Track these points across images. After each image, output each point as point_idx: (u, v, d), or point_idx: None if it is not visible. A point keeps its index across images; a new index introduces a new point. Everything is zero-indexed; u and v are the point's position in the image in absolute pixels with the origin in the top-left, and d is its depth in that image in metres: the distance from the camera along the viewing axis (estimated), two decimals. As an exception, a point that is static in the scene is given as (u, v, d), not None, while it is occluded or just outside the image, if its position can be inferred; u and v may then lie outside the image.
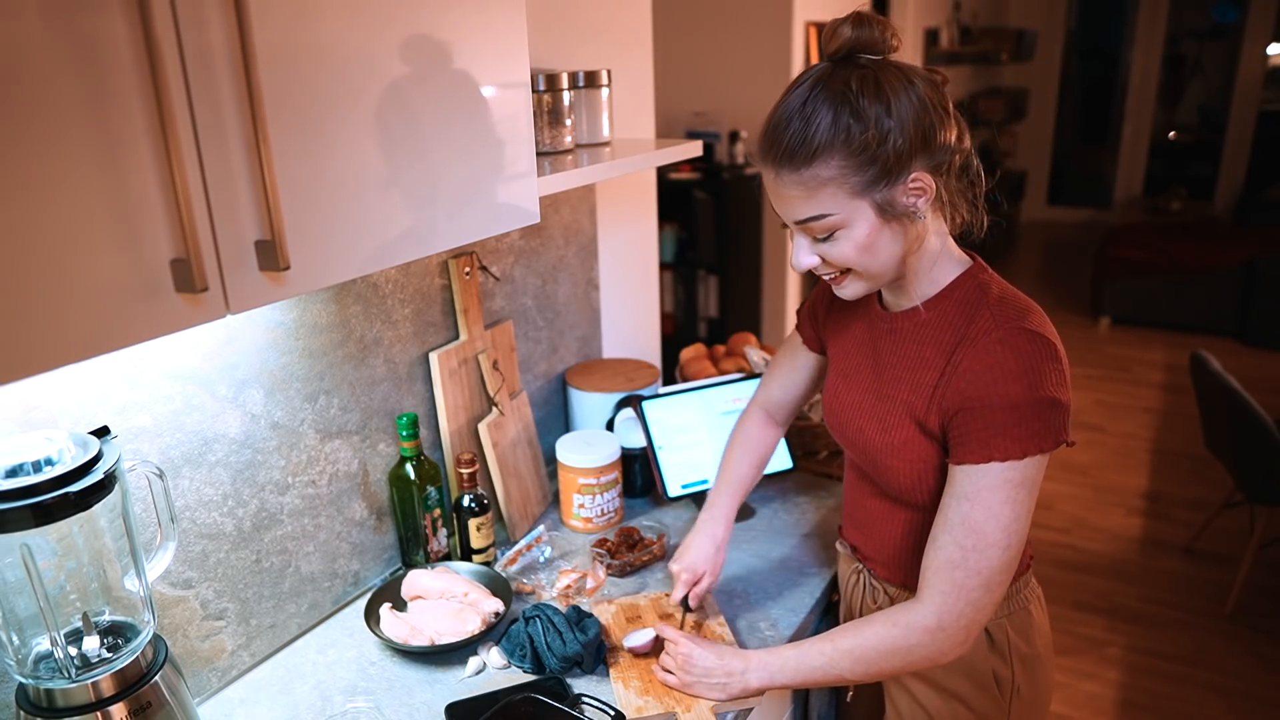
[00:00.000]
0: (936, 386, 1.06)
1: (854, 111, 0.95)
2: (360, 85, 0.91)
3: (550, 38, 1.69)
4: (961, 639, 1.06)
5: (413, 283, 1.48)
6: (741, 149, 3.89)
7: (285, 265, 0.83)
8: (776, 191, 1.02)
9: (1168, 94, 7.66)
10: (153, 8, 0.70)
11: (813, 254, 1.05)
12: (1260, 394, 3.62)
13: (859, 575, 1.29)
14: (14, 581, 0.90)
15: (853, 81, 0.96)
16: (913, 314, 1.11)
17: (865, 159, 0.96)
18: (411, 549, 1.51)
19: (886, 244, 1.02)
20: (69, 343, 0.70)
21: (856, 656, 1.10)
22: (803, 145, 0.97)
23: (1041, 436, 0.99)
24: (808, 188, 0.98)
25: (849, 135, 0.95)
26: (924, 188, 0.99)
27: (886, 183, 0.97)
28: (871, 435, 1.15)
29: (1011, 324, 1.02)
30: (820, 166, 0.97)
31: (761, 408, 1.46)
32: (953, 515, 1.03)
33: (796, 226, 1.04)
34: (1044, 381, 0.98)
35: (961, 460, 1.03)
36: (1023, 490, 1.01)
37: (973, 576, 1.03)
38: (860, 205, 0.98)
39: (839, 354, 1.25)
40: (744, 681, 1.16)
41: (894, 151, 0.96)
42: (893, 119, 0.95)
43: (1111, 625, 2.93)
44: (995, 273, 1.11)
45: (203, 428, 1.18)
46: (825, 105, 0.96)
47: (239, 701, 1.24)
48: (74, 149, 0.68)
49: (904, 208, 0.99)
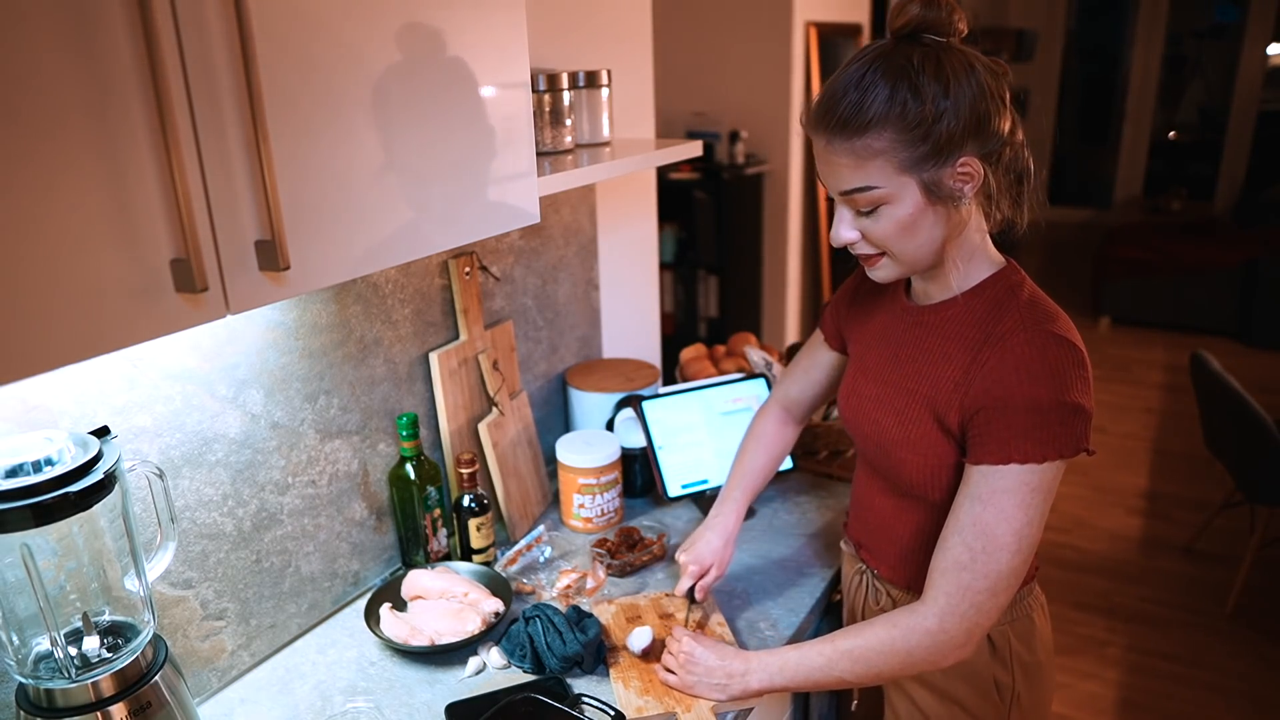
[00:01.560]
0: (959, 383, 1.06)
1: (912, 87, 0.96)
2: (360, 85, 0.91)
3: (550, 38, 1.69)
4: (962, 642, 1.05)
5: (413, 283, 1.48)
6: (742, 149, 3.89)
7: (285, 265, 0.83)
8: (827, 159, 1.02)
9: (1168, 94, 7.66)
10: (153, 8, 0.70)
11: (854, 229, 1.05)
12: (1260, 394, 3.62)
13: (862, 576, 1.29)
14: (14, 581, 0.90)
15: (914, 58, 0.97)
16: (940, 308, 1.11)
17: (918, 135, 0.97)
18: (411, 549, 1.51)
19: (928, 227, 1.02)
20: (69, 343, 0.70)
21: (855, 657, 1.09)
22: (857, 114, 0.97)
23: (1063, 442, 0.98)
24: (859, 158, 0.99)
25: (904, 110, 0.96)
26: (972, 173, 1.00)
27: (936, 163, 0.98)
28: (888, 428, 1.14)
29: (1039, 327, 1.02)
30: (872, 138, 0.97)
31: (780, 405, 1.46)
32: (964, 516, 1.03)
33: (841, 198, 1.04)
34: (1069, 387, 0.98)
35: (979, 460, 1.02)
36: (1038, 495, 1.00)
37: (979, 580, 1.02)
38: (908, 182, 0.99)
39: (859, 348, 1.25)
40: (745, 683, 1.16)
41: (947, 132, 0.96)
42: (949, 100, 0.96)
43: (1111, 625, 2.93)
44: (1028, 277, 1.10)
45: (203, 428, 1.18)
46: (884, 78, 0.97)
47: (239, 701, 1.24)
48: (74, 149, 0.68)
49: (950, 191, 1.00)
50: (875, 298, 1.25)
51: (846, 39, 4.38)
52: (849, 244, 1.07)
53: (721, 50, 3.96)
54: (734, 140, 3.88)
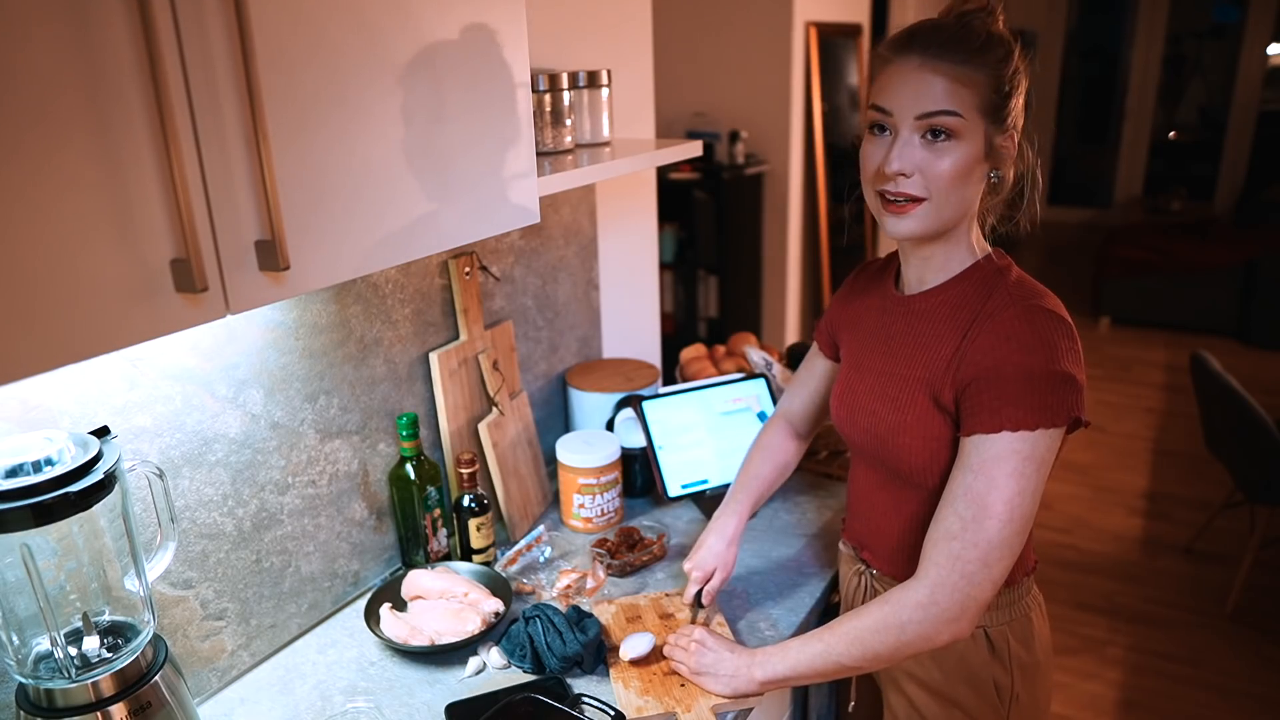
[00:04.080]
0: (951, 361, 1.07)
1: (1002, 43, 1.03)
2: (360, 85, 0.91)
3: (550, 38, 1.69)
4: (955, 616, 1.04)
5: (413, 283, 1.48)
6: (742, 149, 3.89)
7: (285, 265, 0.83)
8: (919, 77, 1.01)
9: (1168, 94, 7.66)
10: (153, 8, 0.70)
11: (913, 160, 1.02)
12: (1260, 394, 3.62)
13: (860, 577, 1.29)
14: (14, 581, 0.90)
15: (998, 26, 1.04)
16: (931, 294, 1.13)
17: (1003, 83, 1.02)
18: (411, 549, 1.51)
19: (974, 182, 1.06)
20: (69, 343, 0.70)
21: (852, 639, 1.10)
22: (966, 45, 1.00)
23: (1054, 410, 1.00)
24: (957, 80, 1.00)
25: (1002, 56, 1.02)
26: (1011, 145, 1.06)
27: (1000, 117, 1.03)
28: (884, 415, 1.15)
29: (1027, 301, 1.05)
30: (974, 68, 1.00)
31: (783, 418, 1.47)
32: (956, 487, 1.04)
33: (919, 121, 1.01)
34: (1058, 356, 1.00)
35: (972, 430, 1.03)
36: (1030, 465, 1.01)
37: (970, 549, 1.02)
38: (980, 125, 1.02)
39: (851, 348, 1.26)
40: (750, 675, 1.17)
41: (1014, 93, 1.03)
42: (1021, 68, 1.04)
43: (1112, 625, 2.93)
44: (1014, 263, 1.13)
45: (203, 428, 1.18)
46: (980, 29, 1.02)
47: (239, 701, 1.24)
48: (74, 149, 0.68)
49: (998, 152, 1.05)
50: (865, 298, 1.26)
51: (846, 39, 4.38)
52: (901, 175, 1.03)
53: (721, 50, 3.97)
54: (734, 140, 3.88)
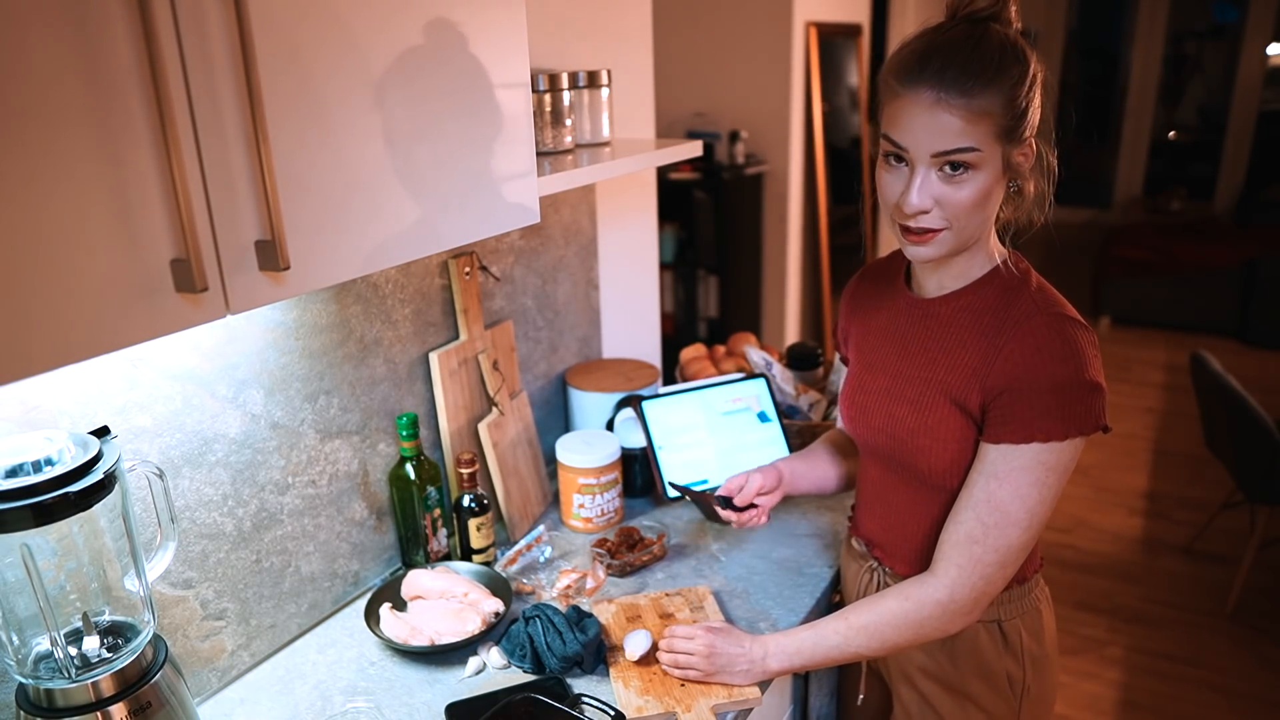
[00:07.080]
0: (978, 369, 1.07)
1: (1015, 56, 0.99)
2: (361, 85, 0.91)
3: (550, 38, 1.69)
4: (969, 610, 1.10)
5: (413, 283, 1.48)
6: (742, 149, 3.89)
7: (285, 265, 0.83)
8: (932, 116, 0.97)
9: (1168, 94, 7.66)
10: (153, 7, 0.70)
11: (931, 194, 1.01)
12: (1260, 394, 3.61)
13: (873, 575, 1.28)
14: (14, 581, 0.90)
15: (1009, 34, 1.01)
16: (951, 299, 1.13)
17: (1018, 103, 0.99)
18: (411, 549, 1.51)
19: (994, 202, 1.05)
20: (69, 343, 0.70)
21: (871, 633, 1.14)
22: (980, 72, 0.97)
23: (1083, 419, 1.02)
24: (971, 116, 0.97)
25: (1014, 78, 0.98)
26: (1030, 153, 1.04)
27: (1016, 135, 1.00)
28: (903, 417, 1.15)
29: (1053, 310, 1.05)
30: (988, 98, 0.97)
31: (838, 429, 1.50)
32: (979, 492, 1.06)
33: (935, 159, 0.99)
34: (1088, 365, 1.02)
35: (1000, 439, 1.04)
36: (1053, 475, 1.03)
37: (990, 553, 1.06)
38: (997, 151, 1.00)
39: (863, 348, 1.26)
40: (764, 666, 1.20)
41: (1029, 107, 1.00)
42: (1031, 75, 1.00)
43: (1113, 625, 2.93)
44: (1031, 266, 1.13)
45: (203, 428, 1.18)
46: (993, 44, 0.98)
47: (239, 701, 1.24)
48: (74, 148, 0.68)
49: (1016, 167, 1.03)
50: (875, 296, 1.26)
51: (847, 39, 4.38)
52: (920, 212, 1.02)
53: (721, 50, 3.96)
54: (734, 140, 3.87)
